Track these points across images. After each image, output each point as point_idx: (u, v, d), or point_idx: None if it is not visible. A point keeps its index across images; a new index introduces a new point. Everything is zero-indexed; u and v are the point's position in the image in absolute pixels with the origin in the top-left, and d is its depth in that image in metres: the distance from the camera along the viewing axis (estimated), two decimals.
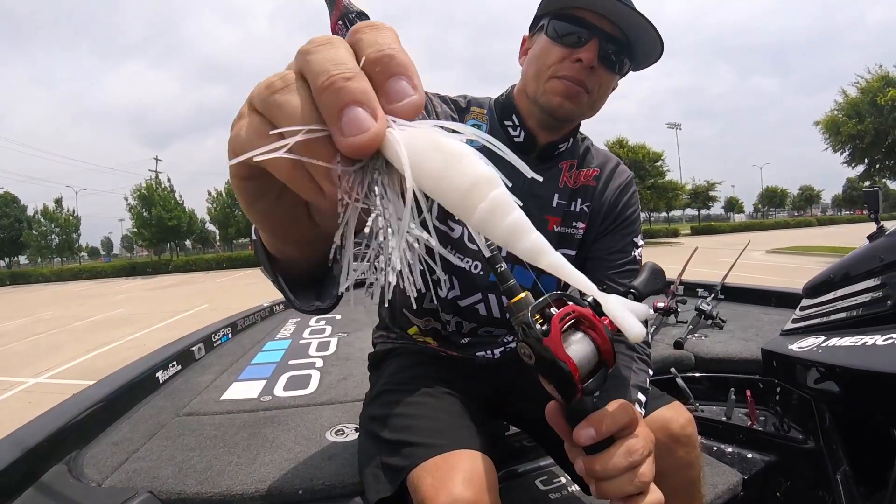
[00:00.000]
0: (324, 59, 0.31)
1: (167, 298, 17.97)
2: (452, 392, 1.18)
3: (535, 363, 0.64)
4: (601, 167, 1.28)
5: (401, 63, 0.32)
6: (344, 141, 0.30)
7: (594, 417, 0.65)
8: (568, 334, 0.64)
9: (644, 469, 0.67)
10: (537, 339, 0.62)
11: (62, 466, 1.39)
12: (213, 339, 2.84)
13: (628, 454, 0.66)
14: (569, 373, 0.61)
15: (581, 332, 0.65)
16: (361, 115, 0.30)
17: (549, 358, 0.62)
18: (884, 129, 23.06)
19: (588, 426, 0.65)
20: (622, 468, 0.66)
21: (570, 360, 0.62)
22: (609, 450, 0.66)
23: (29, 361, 8.16)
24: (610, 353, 0.65)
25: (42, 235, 49.38)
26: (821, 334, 1.71)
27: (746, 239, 4.96)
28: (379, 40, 0.32)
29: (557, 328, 0.62)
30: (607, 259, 1.23)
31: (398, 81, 0.32)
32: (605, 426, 0.65)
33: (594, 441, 0.65)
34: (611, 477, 0.66)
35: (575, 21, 1.05)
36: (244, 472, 1.31)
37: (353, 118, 0.30)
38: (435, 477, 0.90)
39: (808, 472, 1.61)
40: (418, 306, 1.31)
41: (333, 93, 0.30)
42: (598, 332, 0.65)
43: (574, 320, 0.65)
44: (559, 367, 0.61)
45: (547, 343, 0.61)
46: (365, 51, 0.32)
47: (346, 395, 1.89)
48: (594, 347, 0.64)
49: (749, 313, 2.76)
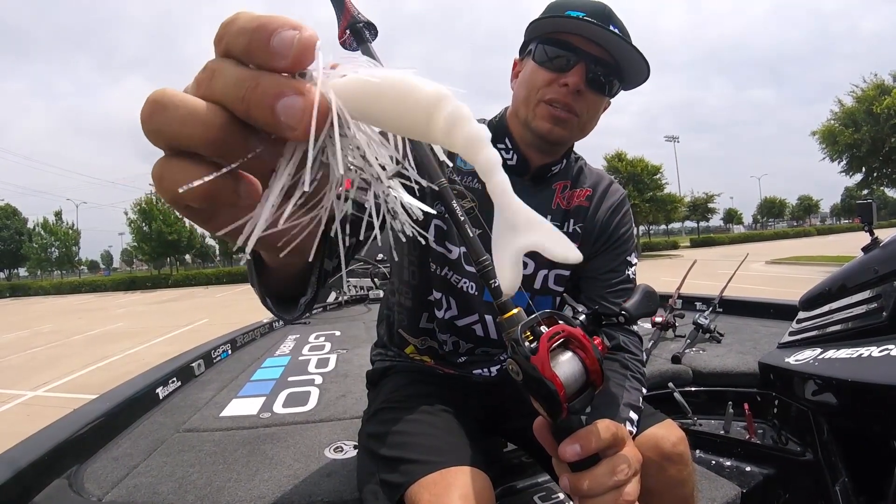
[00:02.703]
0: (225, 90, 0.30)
1: (167, 313, 17.94)
2: (450, 409, 1.18)
3: (522, 380, 0.64)
4: (594, 187, 1.29)
5: (262, 25, 0.30)
6: (296, 133, 0.30)
7: (580, 434, 0.66)
8: (556, 353, 0.65)
9: (629, 489, 0.68)
10: (525, 356, 0.63)
11: (63, 481, 1.39)
12: (212, 356, 2.84)
13: (613, 473, 0.67)
14: (554, 391, 0.62)
15: (570, 351, 0.66)
16: (289, 102, 0.29)
17: (535, 376, 0.62)
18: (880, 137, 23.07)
19: (574, 442, 0.66)
20: (607, 487, 0.67)
21: (557, 379, 0.62)
22: (594, 468, 0.67)
23: (27, 374, 8.14)
24: (598, 374, 0.66)
25: (42, 248, 49.42)
26: (817, 347, 1.71)
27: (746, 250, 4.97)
28: (237, 28, 0.31)
29: (545, 347, 0.63)
30: (601, 279, 1.24)
31: (275, 39, 0.29)
32: (591, 443, 0.66)
33: (579, 457, 0.66)
34: (595, 495, 0.67)
35: (561, 45, 1.07)
36: (243, 489, 1.32)
37: (285, 111, 0.29)
38: (432, 493, 0.91)
39: (808, 484, 1.61)
40: (414, 326, 1.32)
41: (256, 107, 0.29)
42: (586, 352, 0.66)
43: (563, 340, 0.66)
44: (545, 385, 0.62)
45: (534, 361, 0.62)
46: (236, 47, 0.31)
47: (344, 412, 1.89)
48: (582, 367, 0.65)
49: (747, 326, 2.76)
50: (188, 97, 0.30)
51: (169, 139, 0.31)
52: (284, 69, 0.30)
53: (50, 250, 49.88)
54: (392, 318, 1.39)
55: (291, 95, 0.29)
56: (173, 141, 0.31)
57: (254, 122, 0.30)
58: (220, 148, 0.31)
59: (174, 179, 0.31)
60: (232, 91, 0.30)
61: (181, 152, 0.31)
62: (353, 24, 0.87)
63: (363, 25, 0.86)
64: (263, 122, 0.30)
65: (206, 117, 0.30)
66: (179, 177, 0.31)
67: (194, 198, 0.31)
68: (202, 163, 0.31)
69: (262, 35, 0.29)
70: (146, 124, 0.31)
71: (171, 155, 0.32)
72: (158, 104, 0.30)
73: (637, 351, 1.22)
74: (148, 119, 0.30)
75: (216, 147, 0.30)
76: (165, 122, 0.30)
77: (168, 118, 0.30)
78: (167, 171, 0.31)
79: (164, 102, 0.30)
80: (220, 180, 0.31)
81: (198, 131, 0.30)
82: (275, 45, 0.29)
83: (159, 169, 0.32)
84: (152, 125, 0.30)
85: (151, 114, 0.30)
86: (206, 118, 0.30)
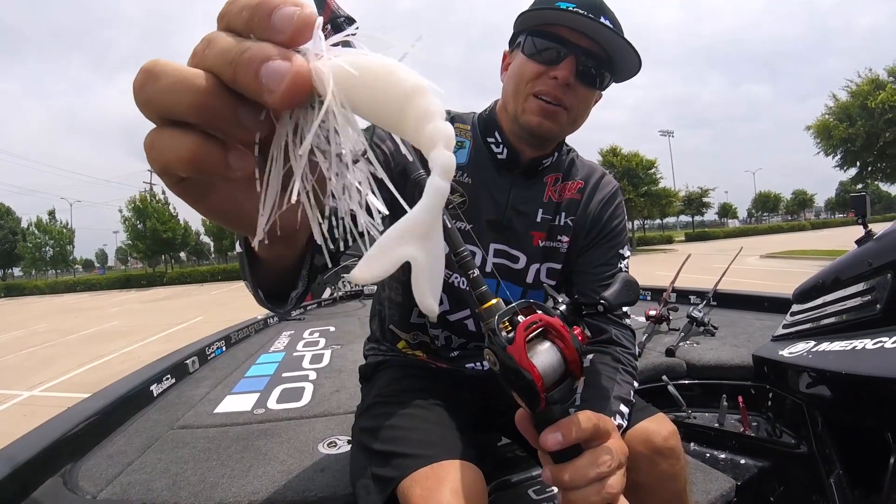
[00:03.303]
0: (216, 55, 0.31)
1: (162, 311, 17.90)
2: (442, 403, 1.18)
3: (499, 371, 0.64)
4: (586, 180, 1.28)
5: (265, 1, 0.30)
6: (274, 97, 0.29)
7: (561, 423, 0.66)
8: (534, 343, 0.65)
9: (612, 481, 0.67)
10: (502, 346, 0.62)
11: (57, 479, 1.38)
12: (206, 353, 2.84)
13: (596, 465, 0.67)
14: (531, 382, 0.62)
15: (548, 341, 0.65)
16: (274, 66, 0.29)
17: (512, 366, 0.62)
18: (875, 131, 23.11)
19: (555, 431, 0.65)
20: (589, 479, 0.66)
21: (534, 369, 0.62)
22: (577, 459, 0.67)
23: (23, 374, 8.11)
24: (577, 364, 0.65)
25: (36, 247, 49.21)
26: (811, 339, 1.71)
27: (740, 245, 4.97)
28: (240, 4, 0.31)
29: (522, 336, 0.62)
30: (593, 272, 1.23)
31: (276, 14, 0.30)
32: (572, 433, 0.66)
33: (561, 447, 0.65)
34: (577, 487, 0.66)
35: (551, 38, 1.05)
36: (237, 485, 1.31)
37: (269, 74, 0.29)
38: (424, 487, 0.91)
39: (802, 477, 1.61)
40: (405, 321, 1.31)
41: (242, 69, 0.30)
42: (565, 342, 0.65)
43: (541, 329, 0.65)
44: (522, 375, 0.62)
45: (511, 351, 0.62)
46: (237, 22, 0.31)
47: (338, 407, 1.89)
48: (560, 358, 0.65)
49: (741, 319, 2.77)
50: (179, 66, 0.31)
51: (159, 108, 0.31)
52: (281, 43, 0.30)
53: (44, 249, 49.69)
54: (384, 314, 1.39)
55: (277, 60, 0.29)
56: (163, 110, 0.31)
57: (239, 86, 0.30)
58: (208, 114, 0.31)
59: (165, 147, 0.31)
60: (223, 56, 0.30)
61: (173, 122, 0.32)
62: (334, 18, 0.86)
63: (343, 20, 0.86)
64: (246, 86, 0.30)
65: (195, 83, 0.30)
66: (169, 144, 0.31)
67: (182, 165, 0.32)
68: (193, 131, 0.31)
69: (264, 10, 0.30)
70: (138, 94, 0.31)
71: (163, 125, 0.32)
72: (150, 73, 0.31)
73: (629, 344, 1.21)
74: (140, 89, 0.31)
75: (204, 113, 0.31)
76: (156, 90, 0.30)
77: (159, 87, 0.30)
78: (158, 140, 0.32)
79: (155, 72, 0.31)
80: (209, 147, 0.32)
81: (187, 98, 0.30)
82: (275, 20, 0.30)
83: (150, 138, 0.32)
84: (144, 95, 0.31)
85: (143, 83, 0.31)
86: (195, 84, 0.30)
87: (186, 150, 0.31)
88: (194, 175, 0.33)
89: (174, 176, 0.33)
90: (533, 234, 1.23)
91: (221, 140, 0.32)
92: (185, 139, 0.31)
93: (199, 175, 0.33)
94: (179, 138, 0.31)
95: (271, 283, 0.61)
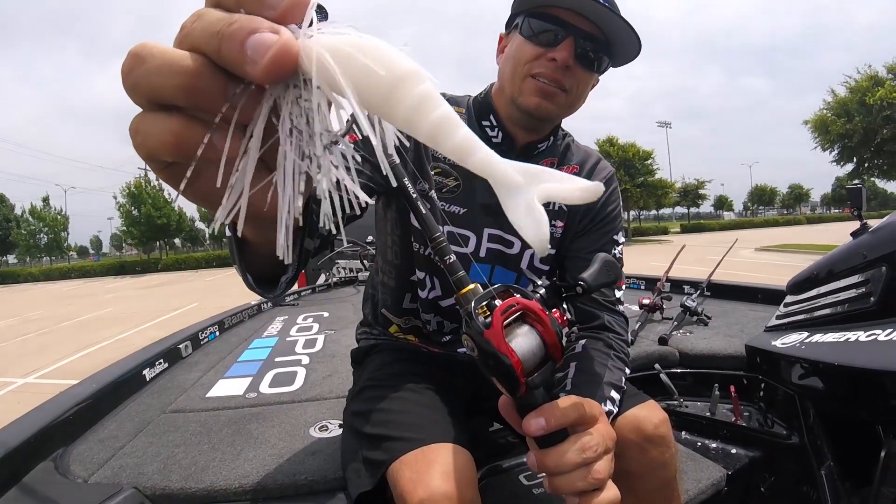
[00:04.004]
0: (204, 28, 0.30)
1: (156, 297, 17.91)
2: (434, 388, 1.18)
3: (478, 356, 0.63)
4: (581, 164, 1.27)
5: None
6: (257, 68, 0.28)
7: (545, 408, 0.65)
8: (513, 327, 0.64)
9: (598, 466, 0.67)
10: (479, 331, 0.62)
11: (48, 463, 1.38)
12: (200, 337, 2.83)
13: (582, 450, 0.66)
14: (510, 366, 0.61)
15: (527, 325, 0.65)
16: (260, 37, 0.28)
17: (490, 351, 0.61)
18: (872, 128, 23.18)
19: (538, 416, 0.65)
20: (575, 464, 0.66)
21: (513, 354, 0.61)
22: (562, 444, 0.66)
23: (17, 362, 8.12)
24: (557, 348, 0.64)
25: (30, 234, 49.08)
26: (804, 331, 1.72)
27: (735, 237, 4.98)
28: None
29: (499, 321, 0.61)
30: (586, 258, 1.19)
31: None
32: (556, 418, 0.65)
33: (544, 432, 0.65)
34: (562, 472, 0.66)
35: (549, 19, 1.04)
36: (228, 468, 1.31)
37: (254, 45, 0.28)
38: (413, 470, 0.91)
39: (793, 467, 1.62)
40: (397, 306, 1.31)
41: (228, 40, 0.29)
42: (544, 325, 0.64)
43: (520, 313, 0.64)
44: (501, 360, 0.61)
45: (488, 335, 0.61)
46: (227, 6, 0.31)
47: (330, 391, 1.89)
48: (540, 341, 0.64)
49: (735, 310, 2.77)
50: (166, 48, 0.30)
51: (147, 91, 0.30)
52: (272, 19, 0.29)
53: (39, 236, 49.57)
54: (376, 298, 1.39)
55: (265, 32, 0.28)
56: (151, 93, 0.30)
57: (223, 59, 0.29)
58: (195, 95, 0.30)
59: (149, 131, 0.31)
60: (209, 29, 0.29)
61: (160, 106, 0.31)
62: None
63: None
64: (230, 57, 0.29)
65: (182, 64, 0.29)
66: (153, 129, 0.31)
67: (167, 149, 0.31)
68: (178, 114, 0.31)
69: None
70: (126, 79, 0.30)
71: (150, 109, 0.31)
72: (138, 56, 0.30)
73: (621, 331, 1.21)
74: (127, 73, 0.30)
75: (191, 94, 0.30)
76: (143, 73, 0.30)
77: (146, 70, 0.30)
78: (143, 124, 0.31)
79: (142, 55, 0.30)
80: (193, 129, 0.31)
81: (173, 80, 0.29)
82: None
83: (135, 123, 0.31)
84: (132, 79, 0.30)
85: (131, 67, 0.30)
86: (183, 65, 0.30)
87: (171, 132, 0.31)
88: (180, 159, 0.32)
89: (160, 161, 0.33)
90: None
91: (206, 121, 0.31)
92: (169, 122, 0.31)
93: (184, 159, 0.32)
94: (163, 121, 0.31)
95: (260, 267, 0.60)
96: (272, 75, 0.29)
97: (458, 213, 1.18)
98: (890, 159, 24.06)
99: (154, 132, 0.31)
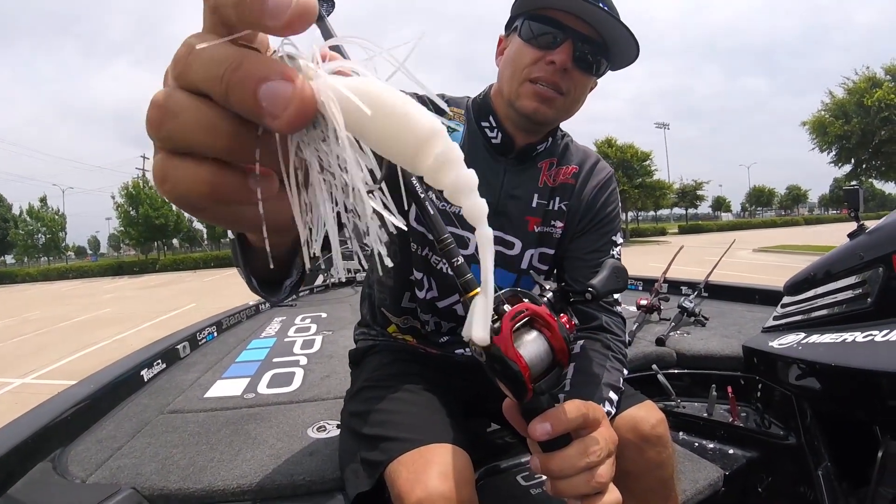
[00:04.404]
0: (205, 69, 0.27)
1: (154, 298, 17.87)
2: (432, 388, 1.18)
3: (485, 361, 0.63)
4: (580, 165, 1.27)
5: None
6: (279, 122, 0.27)
7: (550, 413, 0.65)
8: (521, 333, 0.64)
9: (601, 470, 0.67)
10: None
11: (47, 464, 1.38)
12: (198, 338, 2.83)
13: (585, 454, 0.66)
14: (518, 372, 0.61)
15: (535, 330, 0.64)
16: (275, 88, 0.26)
17: (498, 356, 0.61)
18: (870, 129, 23.23)
19: (544, 421, 0.65)
20: (578, 468, 0.66)
21: (521, 359, 0.61)
22: (565, 448, 0.66)
23: (15, 362, 8.09)
24: (564, 353, 0.64)
25: (28, 234, 49.01)
26: (801, 331, 1.72)
27: (733, 238, 4.99)
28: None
29: (508, 326, 0.61)
30: (585, 258, 1.22)
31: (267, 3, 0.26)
32: (562, 422, 0.65)
33: (549, 437, 0.65)
34: (566, 476, 0.66)
35: (548, 22, 1.04)
36: (226, 469, 1.31)
37: (269, 97, 0.26)
38: (411, 471, 0.91)
39: (790, 467, 1.62)
40: (396, 305, 1.31)
41: (237, 89, 0.27)
42: (552, 331, 0.64)
43: (528, 319, 0.64)
44: (509, 366, 0.61)
45: (497, 341, 0.61)
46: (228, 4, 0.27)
47: (328, 392, 1.89)
48: (548, 347, 0.64)
49: (732, 311, 2.77)
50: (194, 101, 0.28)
51: (180, 145, 0.29)
52: (274, 30, 0.27)
53: (36, 236, 49.52)
54: (374, 297, 1.39)
55: (277, 80, 0.27)
56: (186, 147, 0.29)
57: (234, 106, 0.28)
58: (233, 153, 0.29)
59: (179, 180, 0.29)
60: (212, 72, 0.27)
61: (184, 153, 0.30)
62: None
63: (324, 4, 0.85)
64: (242, 107, 0.27)
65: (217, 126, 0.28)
66: (185, 177, 0.29)
67: (202, 199, 0.30)
68: (208, 162, 0.30)
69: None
70: (156, 132, 0.29)
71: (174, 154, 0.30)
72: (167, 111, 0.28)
73: (619, 332, 1.21)
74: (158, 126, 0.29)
75: (230, 152, 0.29)
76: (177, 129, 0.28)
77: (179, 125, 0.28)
78: (171, 172, 0.30)
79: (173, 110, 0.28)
80: (228, 177, 0.30)
81: (212, 140, 0.28)
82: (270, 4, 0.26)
83: (161, 169, 0.30)
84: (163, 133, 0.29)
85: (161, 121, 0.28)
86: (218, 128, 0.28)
87: (205, 183, 0.29)
88: (214, 205, 0.31)
89: (193, 207, 0.31)
90: (528, 218, 1.22)
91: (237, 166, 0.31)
92: (201, 171, 0.29)
93: (217, 204, 0.31)
94: (195, 170, 0.29)
95: (265, 270, 0.60)
96: (295, 127, 0.28)
97: (458, 213, 1.18)
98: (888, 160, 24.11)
99: (185, 181, 0.29)
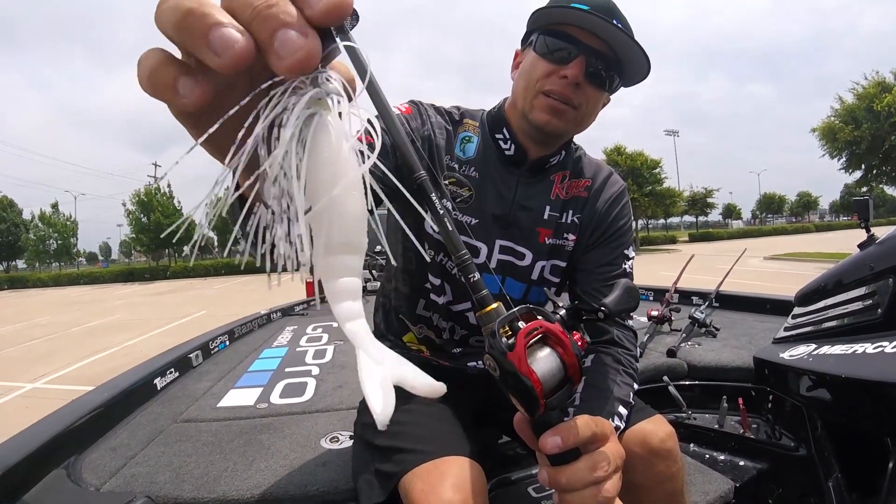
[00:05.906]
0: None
1: (165, 304, 17.95)
2: (444, 400, 1.18)
3: (499, 376, 0.64)
4: (593, 178, 1.28)
5: None
6: (281, 63, 0.32)
7: (561, 428, 0.66)
8: (534, 349, 0.65)
9: (609, 485, 0.68)
10: (502, 352, 0.62)
11: (61, 471, 1.39)
12: (210, 347, 2.85)
13: (593, 468, 0.67)
14: (531, 388, 0.62)
15: (548, 347, 0.65)
16: (292, 35, 0.32)
17: (512, 372, 0.62)
18: (880, 134, 23.02)
19: (555, 434, 0.65)
20: (586, 482, 0.66)
21: (534, 376, 0.62)
22: (575, 463, 0.67)
23: (26, 366, 8.16)
24: (576, 370, 0.65)
25: (40, 240, 49.32)
26: (812, 342, 1.72)
27: (744, 246, 4.97)
28: None
29: (522, 343, 0.62)
30: (597, 272, 1.23)
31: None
32: (572, 437, 0.66)
33: (560, 450, 0.66)
34: (573, 489, 0.67)
35: (562, 37, 1.06)
36: (240, 478, 1.32)
37: (284, 40, 0.32)
38: (425, 482, 0.92)
39: (800, 479, 1.61)
40: (412, 312, 1.32)
41: (261, 20, 0.32)
42: (564, 348, 0.65)
43: (541, 335, 0.65)
44: (522, 381, 0.62)
45: (511, 357, 0.62)
46: None
47: (341, 402, 1.90)
48: (560, 364, 0.65)
49: (743, 321, 2.77)
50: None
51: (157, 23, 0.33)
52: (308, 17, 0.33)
53: (48, 242, 49.86)
54: (389, 306, 1.40)
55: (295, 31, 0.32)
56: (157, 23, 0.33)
57: (250, 31, 0.32)
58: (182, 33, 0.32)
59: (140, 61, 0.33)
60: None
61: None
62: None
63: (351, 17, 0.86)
64: (258, 37, 0.32)
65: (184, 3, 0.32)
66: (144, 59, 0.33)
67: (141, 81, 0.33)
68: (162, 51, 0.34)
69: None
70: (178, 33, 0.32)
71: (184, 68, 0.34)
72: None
73: (630, 346, 1.22)
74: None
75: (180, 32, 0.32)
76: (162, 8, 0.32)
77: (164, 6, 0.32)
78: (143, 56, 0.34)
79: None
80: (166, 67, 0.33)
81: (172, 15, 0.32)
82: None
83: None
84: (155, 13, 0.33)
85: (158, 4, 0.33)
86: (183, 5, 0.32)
87: (147, 67, 0.33)
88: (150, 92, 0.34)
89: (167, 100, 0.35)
90: (539, 230, 1.23)
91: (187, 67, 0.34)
92: (153, 55, 0.33)
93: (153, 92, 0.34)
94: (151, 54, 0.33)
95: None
96: (292, 73, 0.33)
97: (470, 224, 1.19)
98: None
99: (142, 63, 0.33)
